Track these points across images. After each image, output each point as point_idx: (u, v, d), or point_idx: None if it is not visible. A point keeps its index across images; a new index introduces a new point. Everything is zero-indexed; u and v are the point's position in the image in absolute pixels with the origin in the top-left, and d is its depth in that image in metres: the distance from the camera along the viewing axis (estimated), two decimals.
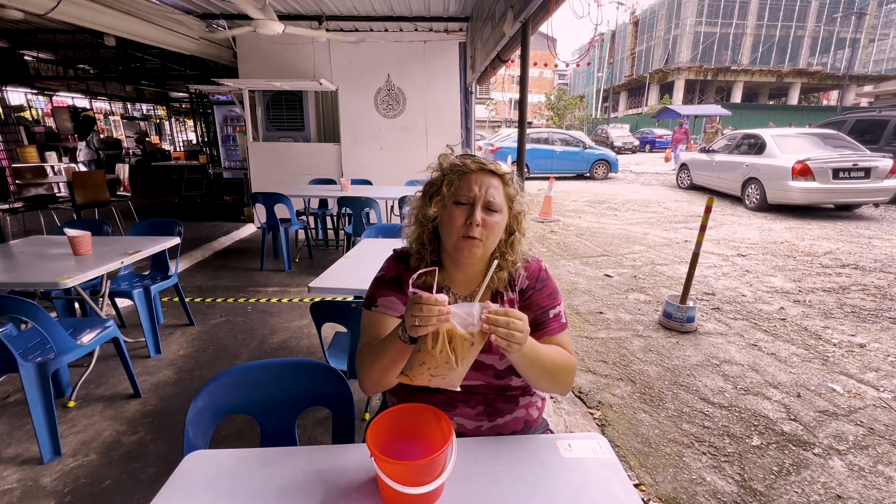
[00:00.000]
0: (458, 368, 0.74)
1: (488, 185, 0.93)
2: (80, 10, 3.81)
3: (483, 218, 0.91)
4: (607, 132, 22.55)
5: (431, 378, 0.75)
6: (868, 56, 31.46)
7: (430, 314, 0.72)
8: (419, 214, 0.98)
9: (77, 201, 5.17)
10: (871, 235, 5.81)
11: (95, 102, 11.90)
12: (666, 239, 5.72)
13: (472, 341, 0.74)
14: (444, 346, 0.73)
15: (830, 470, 1.85)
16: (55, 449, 1.85)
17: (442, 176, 0.96)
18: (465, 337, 0.73)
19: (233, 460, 0.85)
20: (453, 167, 0.96)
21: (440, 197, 0.95)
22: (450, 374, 0.75)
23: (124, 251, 2.32)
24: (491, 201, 0.92)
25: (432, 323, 0.72)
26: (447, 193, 0.94)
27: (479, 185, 0.92)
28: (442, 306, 0.72)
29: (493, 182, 0.94)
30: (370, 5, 4.82)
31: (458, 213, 0.92)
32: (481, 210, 0.91)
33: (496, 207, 0.93)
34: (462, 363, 0.75)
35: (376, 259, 2.27)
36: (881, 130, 8.00)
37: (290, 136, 6.03)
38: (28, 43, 7.06)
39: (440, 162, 0.99)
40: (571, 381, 0.97)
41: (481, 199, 0.92)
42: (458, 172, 0.94)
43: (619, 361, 2.73)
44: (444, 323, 0.73)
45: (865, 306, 3.53)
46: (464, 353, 0.74)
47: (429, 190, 0.98)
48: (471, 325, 0.74)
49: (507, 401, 0.98)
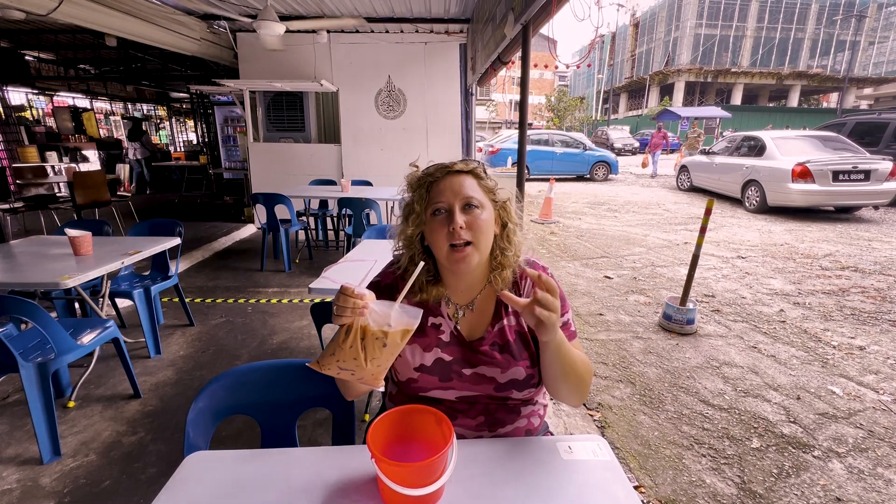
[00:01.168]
0: (366, 366, 0.74)
1: (460, 186, 0.90)
2: (82, 10, 3.82)
3: (466, 219, 0.88)
4: (607, 134, 22.57)
5: (340, 371, 0.75)
6: (868, 58, 31.51)
7: (345, 305, 0.72)
8: (403, 238, 0.96)
9: (77, 201, 5.17)
10: (870, 238, 5.82)
11: (96, 102, 11.90)
12: (666, 241, 5.72)
13: (385, 342, 0.73)
14: (354, 340, 0.73)
15: (830, 472, 1.85)
16: (55, 449, 1.85)
17: (412, 194, 0.94)
18: (377, 335, 0.73)
19: (234, 461, 0.85)
20: (420, 181, 0.93)
21: (415, 214, 0.92)
22: (358, 371, 0.74)
23: (125, 251, 2.32)
24: (468, 199, 0.89)
25: (346, 314, 0.72)
26: (420, 210, 0.92)
27: (449, 189, 0.89)
28: (360, 300, 0.72)
29: (464, 182, 0.90)
30: (371, 6, 4.83)
31: (437, 224, 0.89)
32: (461, 212, 0.88)
33: (476, 203, 0.89)
34: (371, 362, 0.74)
35: (376, 259, 2.26)
36: (881, 133, 8.02)
37: (291, 137, 6.04)
38: (29, 43, 7.07)
39: (407, 182, 0.97)
40: (588, 384, 0.92)
41: (457, 201, 0.88)
42: (425, 185, 0.92)
43: (619, 363, 2.73)
44: (360, 317, 0.73)
45: (865, 309, 3.53)
46: (374, 353, 0.73)
47: (405, 212, 0.96)
48: (385, 325, 0.73)
49: (509, 411, 0.96)
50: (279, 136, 6.04)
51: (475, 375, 0.94)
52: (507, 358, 0.94)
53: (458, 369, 0.94)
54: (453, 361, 0.94)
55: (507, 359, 0.94)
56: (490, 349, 0.94)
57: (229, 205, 7.28)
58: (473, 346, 0.95)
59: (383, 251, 2.34)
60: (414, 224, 0.93)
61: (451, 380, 0.93)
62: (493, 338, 0.95)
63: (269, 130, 6.05)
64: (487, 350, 0.94)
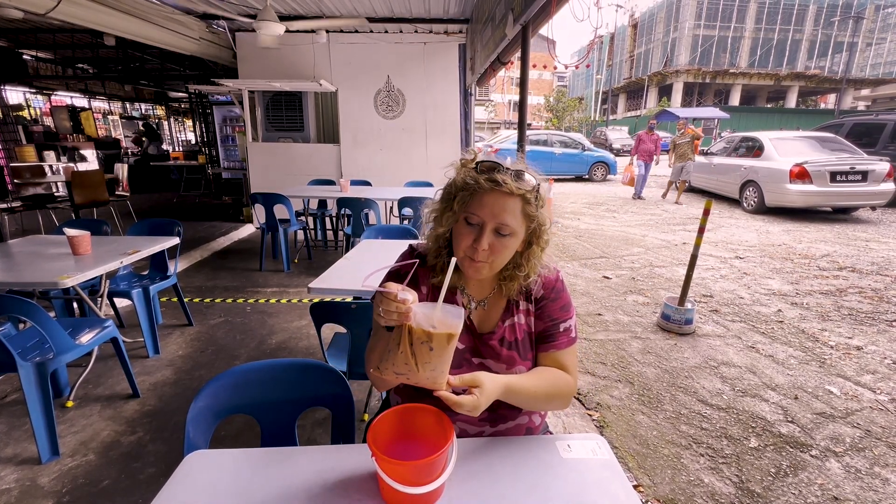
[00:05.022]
0: (419, 371, 0.72)
1: (501, 209, 0.86)
2: (81, 9, 3.81)
3: (491, 242, 0.87)
4: (606, 134, 22.59)
5: (397, 376, 0.75)
6: (865, 60, 31.60)
7: (389, 309, 0.71)
8: (435, 232, 0.95)
9: (76, 201, 5.16)
10: (867, 238, 5.84)
11: (94, 102, 11.88)
12: (664, 241, 5.73)
13: (431, 346, 0.71)
14: (404, 345, 0.72)
15: (827, 472, 1.86)
16: (53, 449, 1.84)
17: (455, 190, 0.91)
18: (423, 339, 0.71)
19: (234, 460, 0.85)
20: (466, 185, 0.89)
21: (451, 213, 0.91)
22: (413, 376, 0.73)
23: (123, 251, 2.32)
24: (502, 226, 0.86)
25: (392, 319, 0.72)
26: (458, 210, 0.90)
27: (490, 207, 0.86)
28: (404, 304, 0.71)
29: (507, 205, 0.86)
30: (370, 6, 4.83)
31: (465, 232, 0.88)
32: (490, 234, 0.86)
33: (508, 231, 0.87)
34: (423, 366, 0.72)
35: (375, 260, 2.26)
36: (878, 134, 8.05)
37: (290, 137, 6.03)
38: (27, 42, 7.05)
39: (460, 166, 0.94)
40: (565, 405, 0.97)
41: (490, 224, 0.86)
42: (470, 190, 0.88)
43: (618, 363, 2.74)
44: (406, 321, 0.71)
45: (862, 309, 3.54)
46: (423, 356, 0.72)
47: (444, 198, 0.94)
48: (430, 327, 0.72)
49: (511, 406, 0.96)
50: (278, 136, 6.03)
51: (481, 366, 0.96)
52: (513, 355, 0.96)
53: (468, 357, 0.97)
54: (465, 349, 0.97)
55: (511, 356, 0.96)
56: (498, 345, 0.97)
57: (228, 204, 7.27)
58: (483, 339, 0.97)
59: (382, 251, 2.34)
60: (447, 222, 0.93)
61: (462, 367, 0.96)
62: (503, 333, 0.97)
63: (268, 130, 6.05)
64: (495, 345, 0.97)
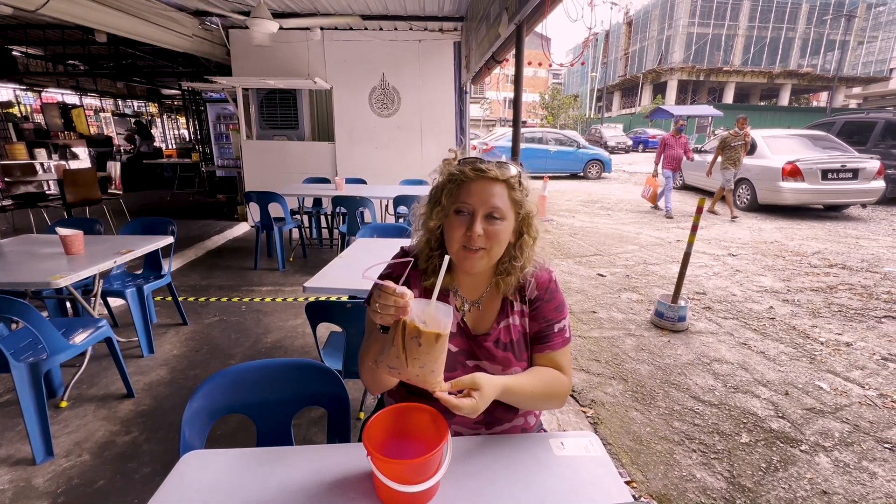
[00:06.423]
0: (408, 367, 0.73)
1: (489, 194, 0.89)
2: (72, 6, 3.76)
3: (485, 227, 0.89)
4: (601, 132, 22.67)
5: (389, 370, 0.75)
6: (857, 58, 31.87)
7: (387, 303, 0.72)
8: (425, 227, 0.97)
9: (68, 199, 5.11)
10: (858, 236, 5.91)
11: (86, 99, 11.74)
12: (658, 238, 5.77)
13: (420, 341, 0.72)
14: (397, 339, 0.72)
15: (817, 466, 1.89)
16: (47, 449, 1.84)
17: (442, 185, 0.94)
18: (413, 334, 0.72)
19: (230, 460, 0.86)
20: (452, 176, 0.92)
21: (440, 207, 0.93)
22: (403, 371, 0.74)
23: (117, 250, 2.30)
24: (493, 209, 0.89)
25: (389, 313, 0.72)
26: (447, 204, 0.92)
27: (478, 195, 0.89)
28: (402, 299, 0.72)
29: (494, 190, 0.90)
30: (365, 4, 4.81)
31: (457, 223, 0.90)
32: (482, 220, 0.89)
33: (499, 215, 0.90)
34: (412, 362, 0.73)
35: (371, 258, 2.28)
36: (869, 132, 8.13)
37: (284, 135, 6.00)
38: (17, 38, 6.96)
39: (442, 167, 0.96)
40: (561, 404, 0.98)
41: (481, 210, 0.89)
42: (456, 181, 0.91)
43: (612, 360, 2.76)
44: (403, 316, 0.72)
45: (852, 305, 3.59)
46: (413, 352, 0.72)
47: (431, 198, 0.97)
48: (421, 322, 0.73)
49: (507, 409, 0.97)
50: (273, 134, 6.00)
51: (477, 369, 0.95)
52: (508, 357, 0.96)
53: (462, 360, 0.97)
54: (458, 352, 0.97)
55: (507, 358, 0.96)
56: (493, 346, 0.96)
57: (222, 203, 7.23)
58: (478, 341, 0.97)
59: (378, 250, 2.35)
60: (437, 217, 0.94)
61: (456, 370, 0.95)
62: (498, 334, 0.97)
63: (262, 128, 6.01)
64: (490, 346, 0.96)
